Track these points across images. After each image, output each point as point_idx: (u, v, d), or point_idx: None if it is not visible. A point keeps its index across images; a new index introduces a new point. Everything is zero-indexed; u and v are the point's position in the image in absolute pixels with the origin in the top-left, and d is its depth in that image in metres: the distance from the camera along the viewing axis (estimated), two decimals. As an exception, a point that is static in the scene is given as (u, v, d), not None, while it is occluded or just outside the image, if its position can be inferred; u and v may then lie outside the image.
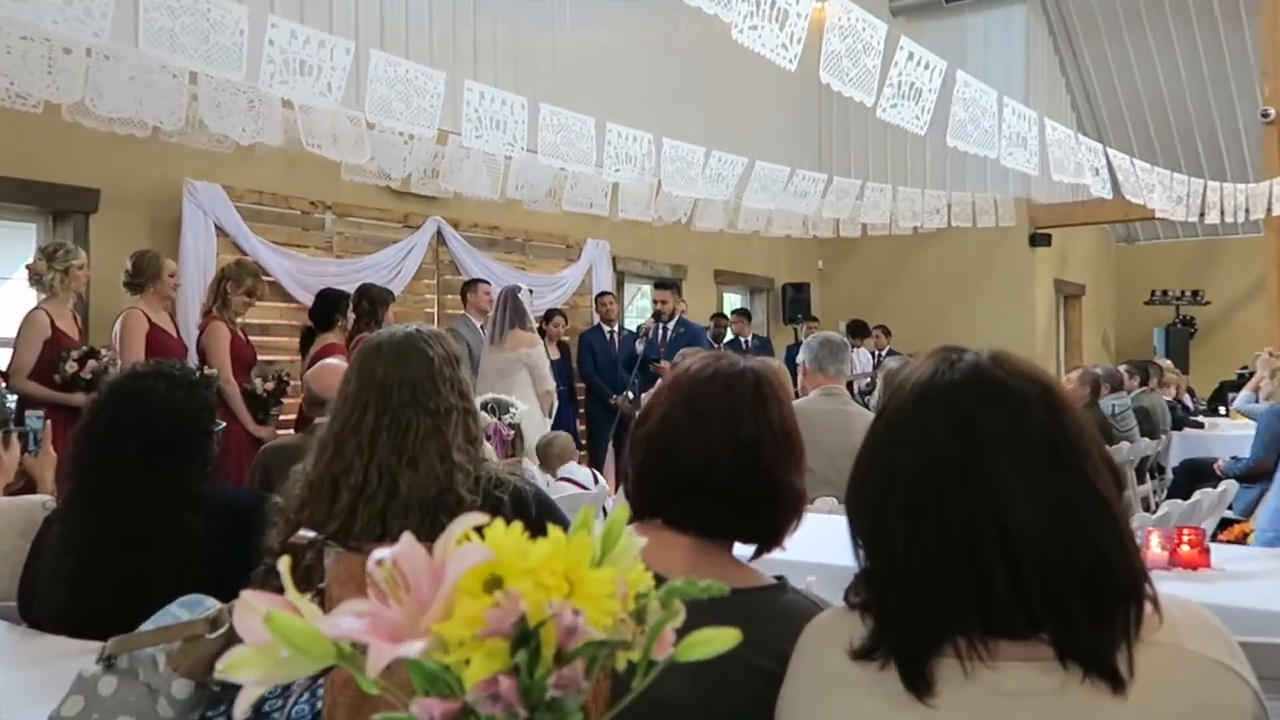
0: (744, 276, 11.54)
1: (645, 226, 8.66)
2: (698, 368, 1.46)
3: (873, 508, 1.10)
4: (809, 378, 4.21)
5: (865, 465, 1.12)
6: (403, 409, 1.92)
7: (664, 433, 1.40)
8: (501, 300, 6.34)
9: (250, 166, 6.27)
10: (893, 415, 1.12)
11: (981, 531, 1.02)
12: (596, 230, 8.99)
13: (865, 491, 1.11)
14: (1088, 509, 1.03)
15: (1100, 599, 1.01)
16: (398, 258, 7.40)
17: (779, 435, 1.40)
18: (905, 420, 1.10)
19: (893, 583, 1.07)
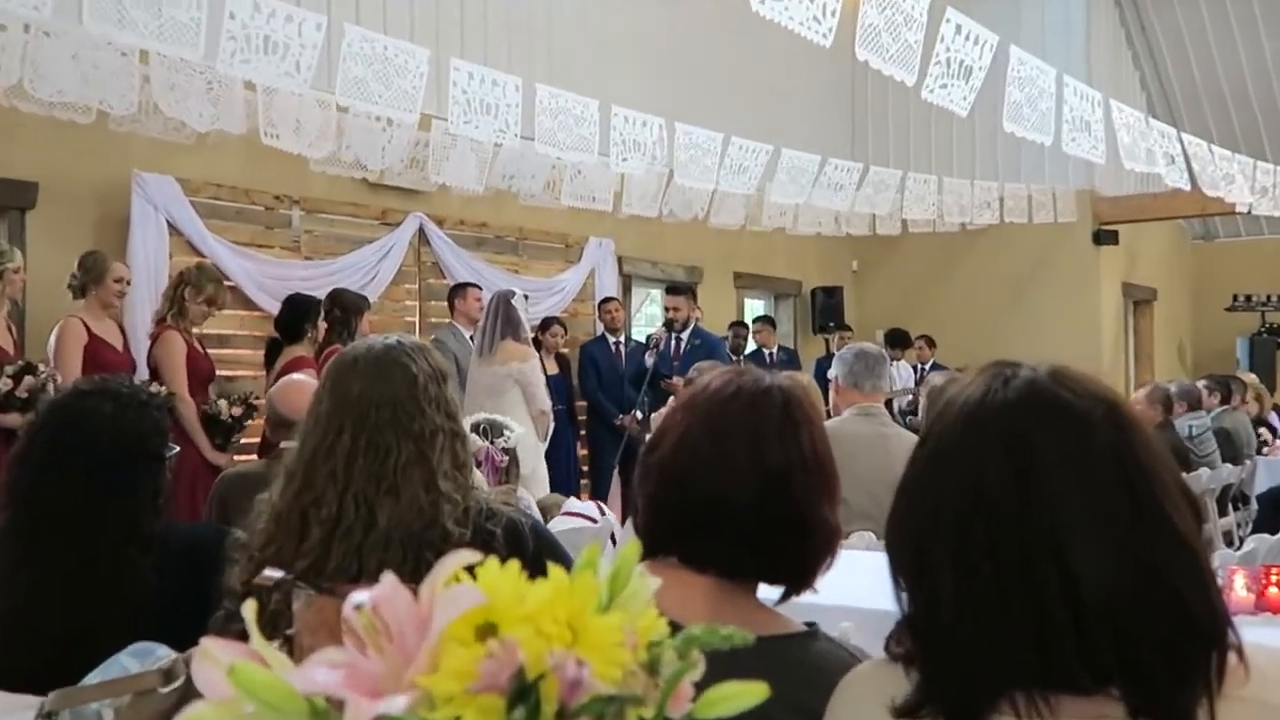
0: (768, 280, 11.55)
1: (655, 223, 8.69)
2: (716, 385, 1.46)
3: (917, 545, 1.10)
4: (842, 395, 4.20)
5: (907, 496, 1.12)
6: (382, 431, 1.93)
7: (679, 460, 1.41)
8: (492, 307, 6.36)
9: (208, 157, 6.32)
10: (938, 440, 1.12)
11: (1042, 573, 1.02)
12: (600, 228, 9.02)
13: (908, 526, 1.11)
14: (1162, 546, 1.02)
15: (1178, 649, 1.00)
16: (374, 259, 7.44)
17: (810, 462, 1.40)
18: (952, 446, 1.10)
19: (941, 631, 1.06)
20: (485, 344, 6.30)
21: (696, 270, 10.45)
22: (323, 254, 7.22)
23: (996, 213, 10.09)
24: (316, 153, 5.83)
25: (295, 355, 5.65)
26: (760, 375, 1.48)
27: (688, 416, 1.44)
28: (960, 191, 9.80)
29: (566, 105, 5.58)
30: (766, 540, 1.37)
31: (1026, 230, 10.75)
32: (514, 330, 6.31)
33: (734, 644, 0.70)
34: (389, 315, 7.67)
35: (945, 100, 4.49)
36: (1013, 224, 10.33)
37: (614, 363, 8.51)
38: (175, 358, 5.30)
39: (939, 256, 11.95)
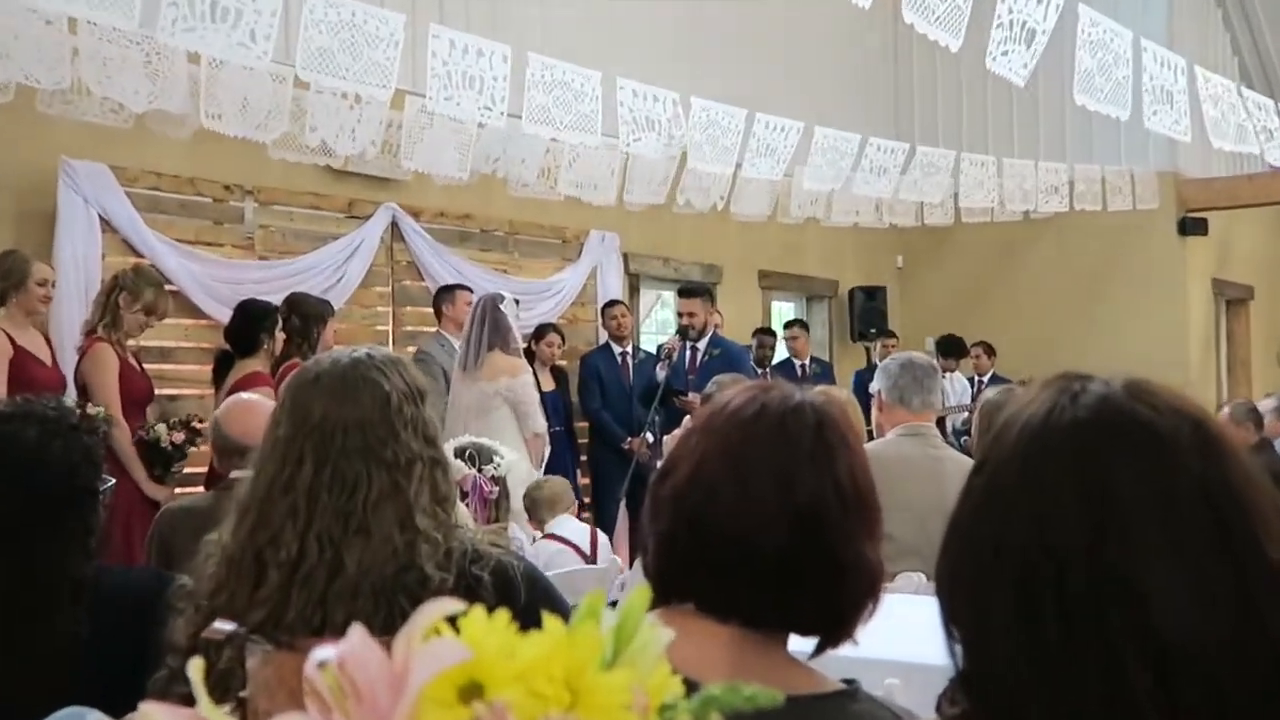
0: (798, 279, 11.56)
1: (667, 214, 8.70)
2: (738, 403, 1.46)
3: (972, 590, 1.09)
4: (886, 413, 4.21)
5: (961, 533, 1.12)
6: (349, 460, 1.94)
7: (695, 490, 1.41)
8: (477, 313, 6.37)
9: (147, 142, 6.34)
10: (995, 467, 1.12)
11: (1119, 623, 1.02)
12: (602, 220, 9.03)
13: (962, 568, 1.11)
14: (1262, 592, 1.02)
15: (1281, 711, 1.00)
16: (340, 258, 7.47)
17: (848, 493, 1.40)
18: (1012, 474, 1.10)
19: (1001, 689, 1.06)
20: (470, 356, 6.31)
21: (715, 269, 10.47)
22: (280, 253, 7.25)
23: (1065, 199, 10.09)
24: (268, 135, 5.84)
25: (248, 371, 5.66)
26: (790, 391, 1.48)
27: (705, 440, 1.45)
28: (1023, 175, 9.80)
29: (563, 78, 5.60)
30: (798, 584, 1.37)
31: (1100, 219, 10.74)
32: (503, 340, 6.32)
33: (760, 705, 0.70)
34: (357, 324, 7.68)
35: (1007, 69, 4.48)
36: (1084, 212, 10.32)
37: (620, 377, 8.52)
38: (106, 374, 5.31)
39: (998, 250, 11.94)
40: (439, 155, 6.71)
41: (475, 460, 4.19)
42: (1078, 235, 11.51)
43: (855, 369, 11.01)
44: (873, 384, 4.35)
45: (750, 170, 6.99)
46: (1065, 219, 10.66)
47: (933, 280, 12.53)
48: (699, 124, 6.39)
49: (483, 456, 4.22)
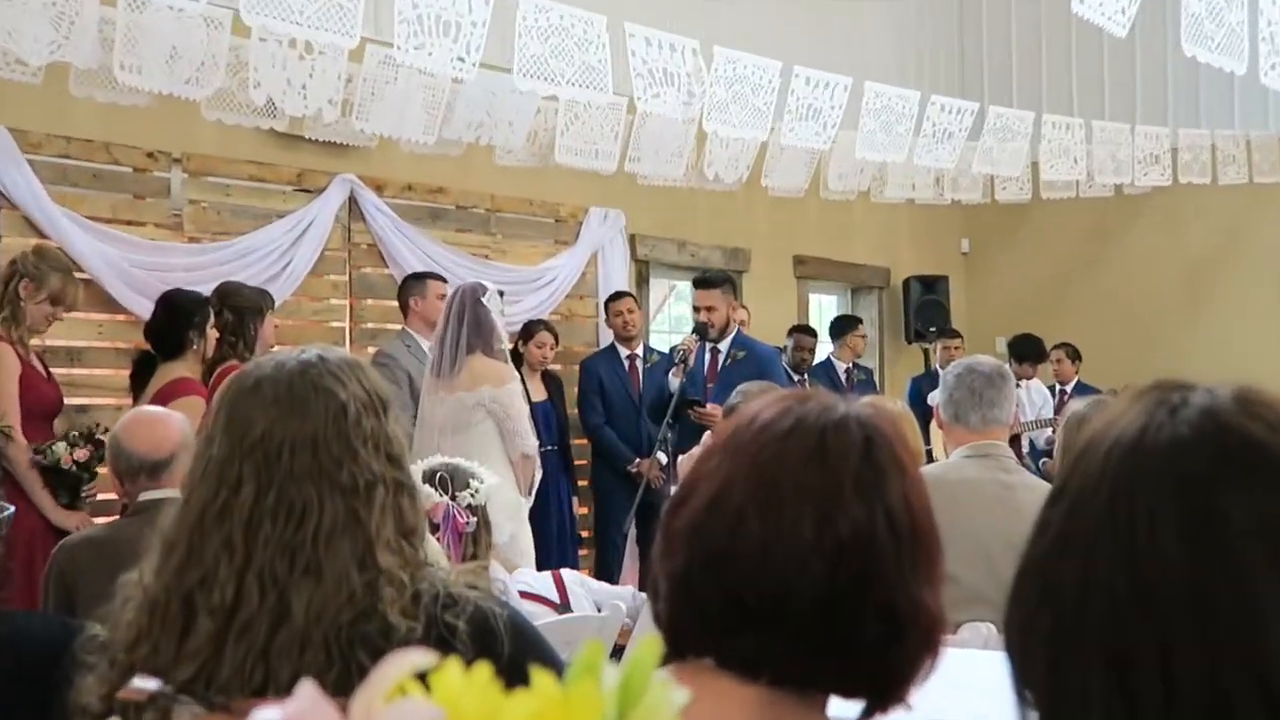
0: (842, 267, 11.55)
1: (682, 189, 8.71)
2: (769, 417, 1.47)
3: (1050, 646, 1.09)
4: (949, 430, 4.21)
5: (1036, 576, 1.12)
6: (297, 484, 1.94)
7: (716, 522, 1.41)
8: (454, 308, 6.35)
9: (53, 100, 6.35)
10: (1078, 496, 1.12)
11: (1229, 684, 1.01)
12: (606, 195, 9.04)
13: (1037, 619, 1.11)
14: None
15: None
16: (286, 240, 7.48)
17: (901, 526, 1.40)
18: (1098, 504, 1.09)
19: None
20: (444, 360, 6.30)
21: (741, 254, 10.47)
22: (213, 233, 7.26)
23: (1167, 171, 10.05)
24: (200, 91, 5.84)
25: (174, 376, 5.66)
26: (831, 402, 1.48)
27: (728, 461, 1.45)
28: (1116, 141, 9.77)
29: (560, 23, 5.59)
30: (840, 636, 1.37)
31: (1210, 194, 10.71)
32: (485, 341, 6.31)
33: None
34: (307, 319, 7.69)
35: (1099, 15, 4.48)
36: (1190, 186, 10.29)
37: (625, 385, 8.53)
38: (4, 380, 5.32)
39: (1085, 233, 11.93)
40: (401, 115, 6.69)
41: (449, 485, 4.19)
42: (1181, 214, 11.49)
43: (911, 377, 11.00)
44: (932, 395, 4.36)
45: (790, 136, 6.95)
46: (1166, 195, 10.63)
47: (1005, 269, 12.51)
48: (723, 79, 6.37)
49: (457, 480, 4.20)
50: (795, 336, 9.96)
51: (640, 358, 8.67)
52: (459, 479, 4.21)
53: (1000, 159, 8.89)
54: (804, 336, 10.04)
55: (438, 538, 4.04)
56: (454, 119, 6.99)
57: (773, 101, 6.61)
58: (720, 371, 7.67)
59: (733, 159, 7.99)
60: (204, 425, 2.07)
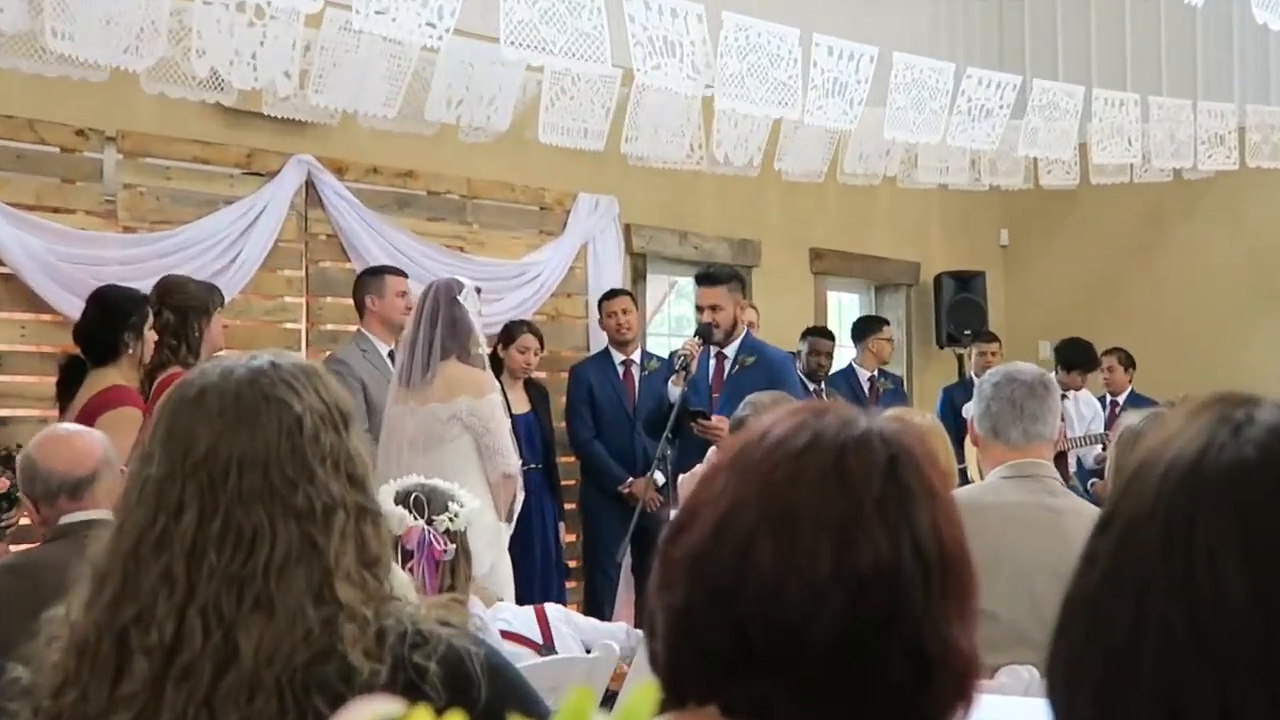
0: (865, 261, 11.55)
1: (685, 174, 8.70)
2: (782, 432, 1.47)
3: (1098, 691, 1.09)
4: (985, 447, 4.21)
5: (1082, 615, 1.12)
6: (246, 508, 1.94)
7: (721, 551, 1.41)
8: (426, 308, 6.35)
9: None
10: (1130, 524, 1.11)
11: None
12: (597, 179, 9.04)
13: (1084, 660, 1.11)
14: None
15: None
16: (235, 230, 7.47)
17: (931, 556, 1.40)
18: (1152, 535, 1.09)
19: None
20: (415, 367, 6.29)
21: (750, 246, 10.47)
22: (152, 222, 7.26)
23: (1233, 153, 10.06)
24: (139, 61, 5.82)
25: (107, 384, 5.66)
26: (851, 416, 1.48)
27: (736, 481, 1.45)
28: (1176, 120, 9.78)
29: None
30: (860, 680, 1.37)
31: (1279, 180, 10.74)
32: (460, 344, 6.31)
33: None
34: (258, 320, 7.68)
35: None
36: (1259, 170, 10.30)
37: (619, 394, 8.53)
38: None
39: (1140, 222, 11.93)
40: (370, 90, 6.68)
41: (425, 507, 4.19)
42: (1250, 202, 11.50)
43: (943, 386, 10.99)
44: (967, 408, 4.36)
45: (816, 115, 6.93)
46: (1232, 180, 10.63)
47: (1049, 264, 12.52)
48: (736, 49, 6.37)
49: (435, 503, 4.21)
50: (810, 339, 9.91)
51: (636, 364, 8.67)
52: (437, 501, 4.21)
53: (1045, 139, 8.90)
54: (820, 339, 9.99)
55: (411, 567, 4.04)
56: (429, 95, 6.97)
57: (796, 74, 6.60)
58: (727, 379, 7.65)
59: (742, 139, 7.97)
60: (141, 440, 2.06)
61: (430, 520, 4.17)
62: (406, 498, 4.21)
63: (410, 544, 4.12)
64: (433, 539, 4.14)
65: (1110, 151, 9.43)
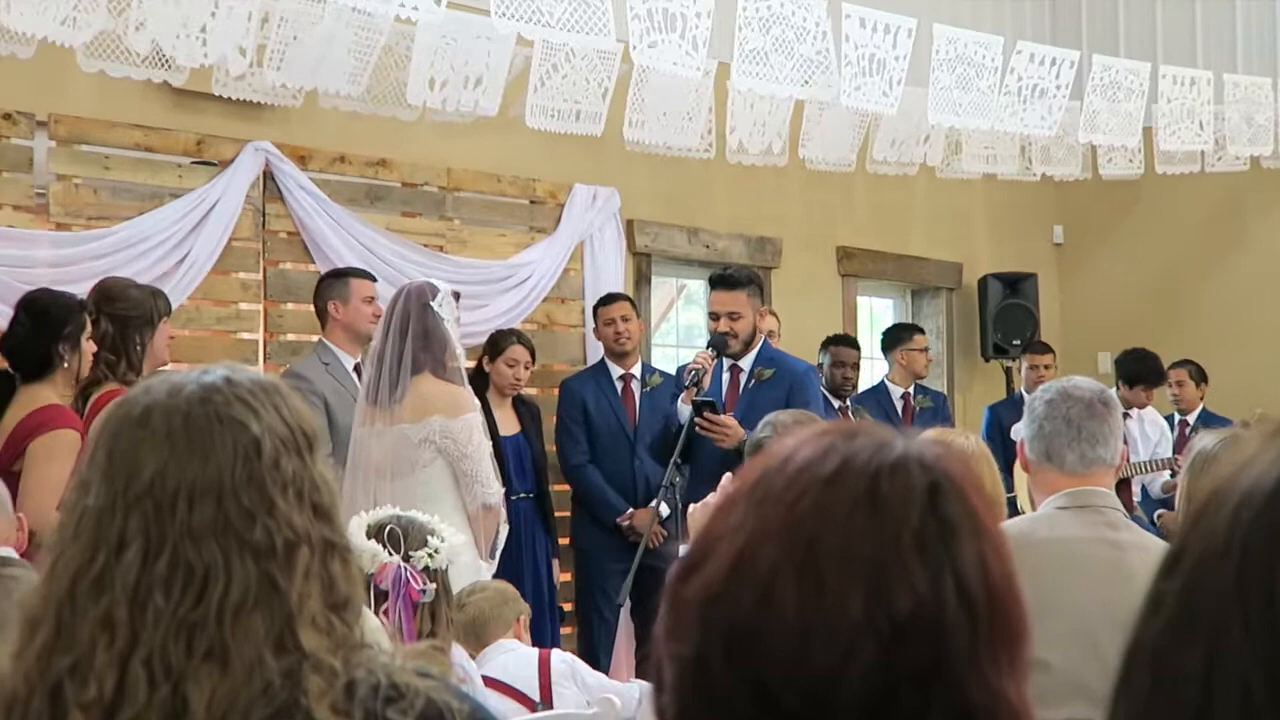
0: (900, 263, 11.56)
1: (695, 163, 8.70)
2: (806, 456, 1.46)
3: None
4: (1038, 473, 4.20)
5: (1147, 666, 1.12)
6: (198, 544, 1.94)
7: (738, 593, 1.41)
8: (396, 316, 6.34)
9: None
10: (1200, 564, 1.11)
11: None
12: (596, 169, 9.05)
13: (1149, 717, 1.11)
14: None
15: None
16: (183, 227, 7.47)
17: (977, 598, 1.40)
18: (1225, 576, 1.09)
19: None
20: (384, 382, 6.28)
21: (769, 245, 10.48)
22: (89, 218, 7.27)
23: (1319, 138, 10.08)
24: (75, 36, 5.82)
25: (39, 404, 5.65)
26: (885, 438, 1.48)
27: (755, 513, 1.45)
28: (1252, 100, 9.78)
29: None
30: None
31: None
32: (434, 357, 6.31)
33: None
34: (209, 329, 7.68)
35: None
36: (1349, 158, 10.32)
37: (617, 413, 8.53)
38: None
39: (1214, 217, 11.94)
40: (324, 62, 6.65)
41: (401, 542, 4.19)
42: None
43: (987, 406, 10.99)
44: (1016, 428, 4.35)
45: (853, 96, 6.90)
46: (1319, 170, 10.65)
47: (1110, 264, 12.53)
48: (756, 21, 6.37)
49: (412, 537, 4.22)
50: (831, 350, 9.83)
51: (636, 379, 8.66)
52: (414, 535, 4.22)
53: (1106, 123, 8.90)
54: (843, 349, 9.88)
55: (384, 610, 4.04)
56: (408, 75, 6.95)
57: (825, 49, 6.60)
58: (743, 396, 7.63)
59: (759, 123, 7.96)
60: (78, 467, 2.06)
61: (407, 556, 4.18)
62: (380, 531, 4.22)
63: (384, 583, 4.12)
64: (410, 577, 4.14)
65: (1179, 137, 9.42)
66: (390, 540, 4.16)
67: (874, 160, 9.06)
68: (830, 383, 9.49)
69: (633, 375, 8.65)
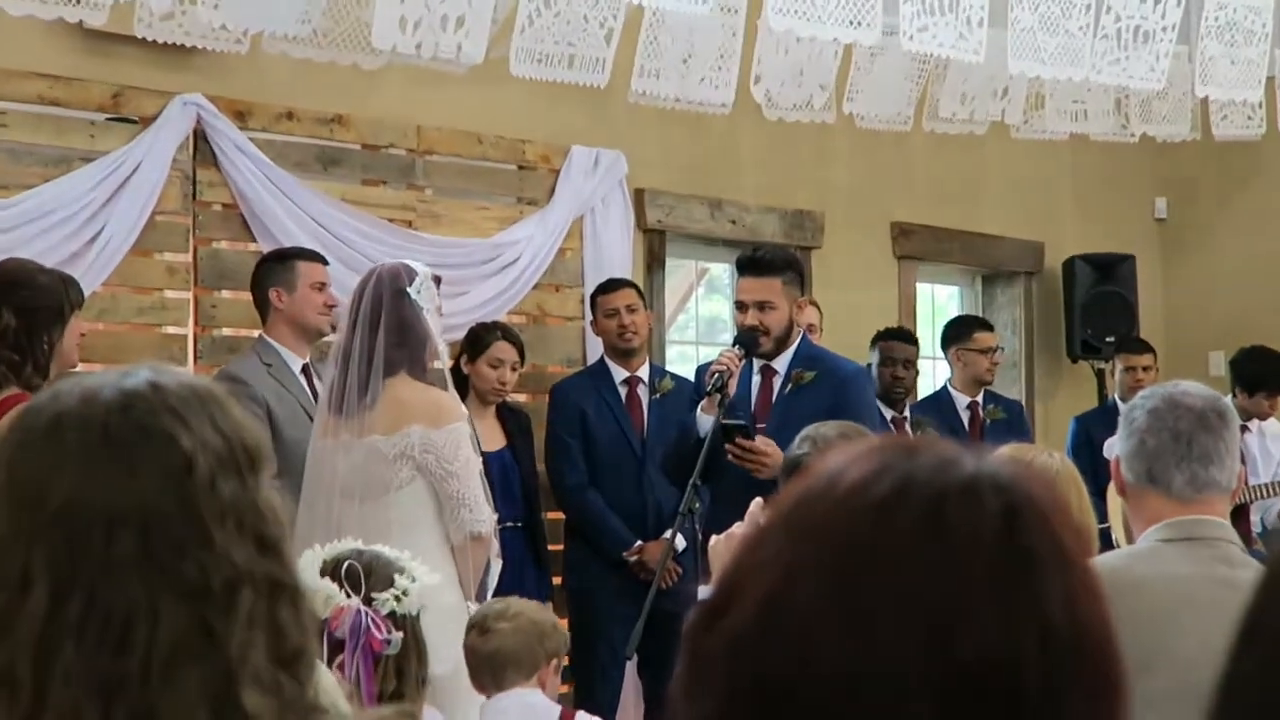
0: (968, 242, 11.56)
1: (717, 121, 8.70)
2: (856, 479, 1.47)
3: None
4: (1137, 498, 4.20)
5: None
6: (118, 583, 1.94)
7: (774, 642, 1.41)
8: (364, 306, 6.34)
9: None
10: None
11: None
12: (598, 128, 9.07)
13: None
14: None
15: None
16: (96, 197, 7.48)
17: (1062, 648, 1.40)
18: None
19: None
20: (350, 387, 6.28)
21: (808, 220, 10.48)
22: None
23: None
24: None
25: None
26: (951, 454, 1.48)
27: (792, 546, 1.45)
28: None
29: None
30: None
31: None
32: (412, 355, 6.32)
33: None
34: (128, 322, 7.69)
35: None
36: None
37: (622, 423, 8.56)
38: None
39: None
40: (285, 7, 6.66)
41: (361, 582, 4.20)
42: None
43: (1074, 413, 10.98)
44: (1109, 444, 4.35)
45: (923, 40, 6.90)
46: None
47: (1224, 244, 12.52)
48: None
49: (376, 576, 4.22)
50: (883, 346, 9.81)
51: (646, 383, 8.67)
52: (378, 573, 4.23)
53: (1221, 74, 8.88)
54: (894, 344, 9.86)
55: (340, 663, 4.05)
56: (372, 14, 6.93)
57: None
58: (777, 405, 7.62)
59: (795, 71, 7.95)
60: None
61: (369, 599, 4.18)
62: (336, 568, 4.22)
63: (340, 630, 4.11)
64: (371, 624, 4.14)
65: (1308, 88, 9.43)
66: (348, 579, 4.17)
67: (936, 117, 9.04)
68: (879, 386, 9.43)
69: (640, 379, 8.66)
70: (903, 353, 9.79)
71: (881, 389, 9.41)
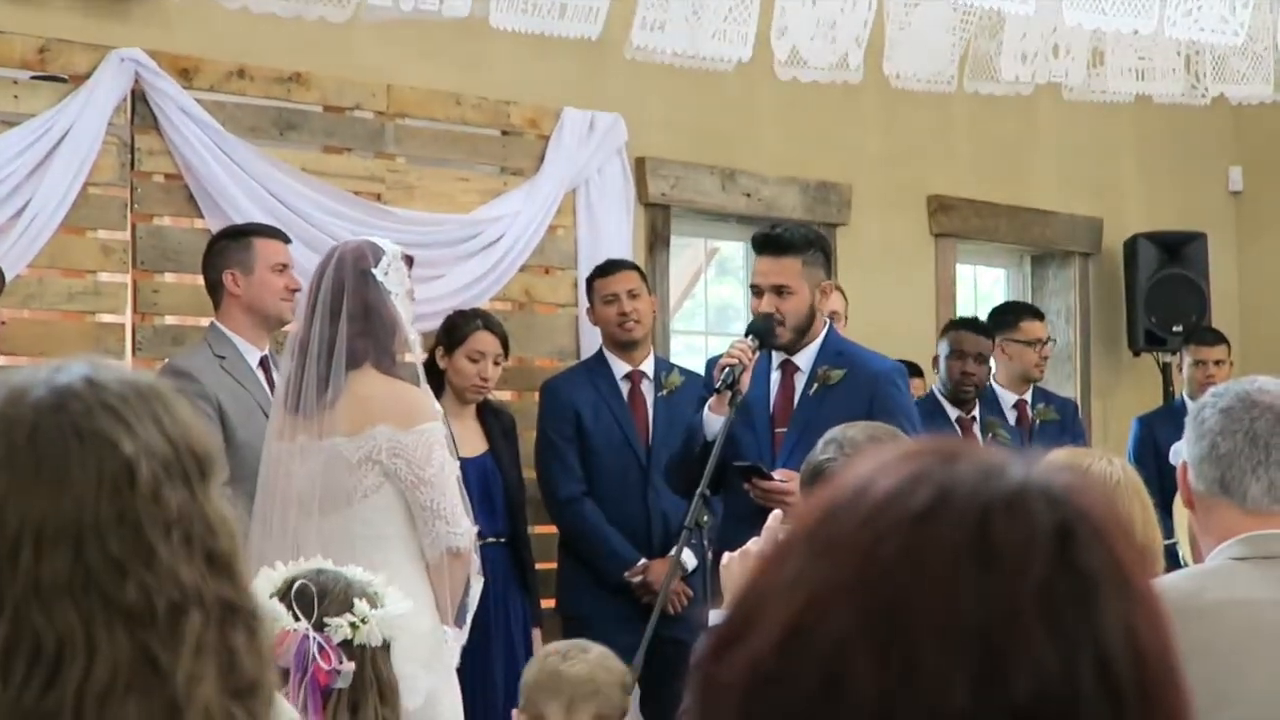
0: (1016, 218, 11.56)
1: (730, 81, 8.70)
2: (888, 489, 1.47)
3: None
4: (1207, 510, 4.19)
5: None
6: (48, 606, 1.95)
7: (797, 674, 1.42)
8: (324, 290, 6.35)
9: None
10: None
11: None
12: (592, 89, 9.08)
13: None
14: None
15: None
16: (20, 166, 7.49)
17: (1122, 681, 1.41)
18: None
19: None
20: (307, 382, 6.29)
21: (834, 193, 10.49)
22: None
23: None
24: None
25: None
26: (997, 461, 1.49)
27: (816, 566, 1.46)
28: None
29: None
30: None
31: None
32: (381, 345, 6.32)
33: None
34: (56, 309, 7.70)
35: None
36: None
37: (623, 425, 8.58)
38: None
39: None
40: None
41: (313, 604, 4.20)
42: None
43: (1136, 417, 10.99)
44: (1176, 448, 4.35)
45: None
46: None
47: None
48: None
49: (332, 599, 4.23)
50: (952, 337, 9.85)
51: (649, 378, 8.68)
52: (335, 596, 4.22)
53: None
54: (964, 334, 9.88)
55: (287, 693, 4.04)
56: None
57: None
58: (800, 408, 7.61)
59: (823, 26, 7.94)
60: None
61: (321, 624, 4.18)
62: (289, 590, 4.21)
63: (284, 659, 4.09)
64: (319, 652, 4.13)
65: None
66: (299, 601, 4.16)
67: (982, 78, 9.03)
68: (948, 383, 9.53)
69: (644, 374, 8.67)
70: (975, 346, 9.80)
71: (949, 385, 9.42)
